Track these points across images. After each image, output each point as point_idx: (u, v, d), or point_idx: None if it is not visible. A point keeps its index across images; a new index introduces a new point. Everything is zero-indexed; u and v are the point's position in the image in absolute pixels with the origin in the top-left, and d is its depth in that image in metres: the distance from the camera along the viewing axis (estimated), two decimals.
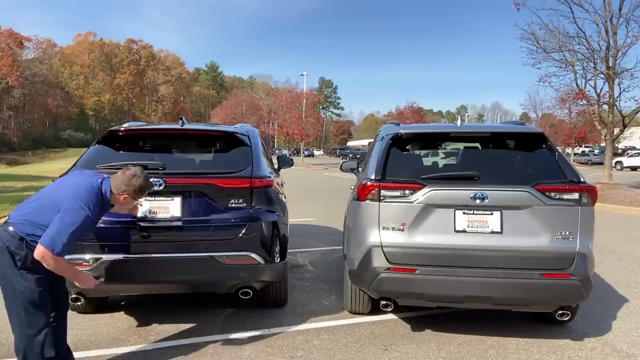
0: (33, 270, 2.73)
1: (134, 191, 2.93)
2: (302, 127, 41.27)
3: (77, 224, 2.67)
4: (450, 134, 4.32)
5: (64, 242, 2.63)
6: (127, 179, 2.90)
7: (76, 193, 2.77)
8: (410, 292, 3.60)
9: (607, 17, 15.35)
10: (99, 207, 2.85)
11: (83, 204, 2.72)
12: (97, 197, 2.81)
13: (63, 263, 2.73)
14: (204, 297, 4.61)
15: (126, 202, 2.98)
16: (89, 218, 2.73)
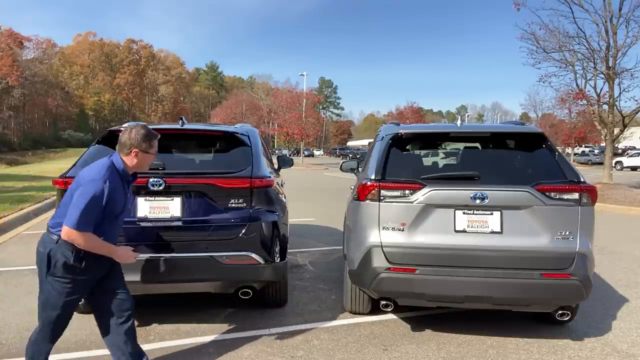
0: (60, 278, 2.73)
1: (139, 143, 2.81)
2: (302, 127, 41.26)
3: (90, 195, 2.62)
4: (450, 134, 4.32)
5: (82, 216, 2.60)
6: (128, 136, 2.81)
7: (87, 174, 2.75)
8: (410, 292, 3.60)
9: (607, 17, 15.35)
10: (115, 178, 2.76)
11: (94, 178, 2.68)
12: (108, 170, 2.74)
13: (93, 239, 2.68)
14: (204, 297, 4.61)
15: (141, 159, 2.85)
16: (102, 189, 2.65)
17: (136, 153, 2.82)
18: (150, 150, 2.87)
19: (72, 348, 3.67)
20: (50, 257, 2.72)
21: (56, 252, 2.71)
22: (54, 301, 2.77)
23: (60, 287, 2.75)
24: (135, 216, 3.71)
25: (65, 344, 3.74)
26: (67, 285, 2.76)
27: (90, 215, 2.63)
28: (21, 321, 4.21)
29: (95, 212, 2.64)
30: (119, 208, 2.83)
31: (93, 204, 2.63)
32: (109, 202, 2.69)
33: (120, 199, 2.81)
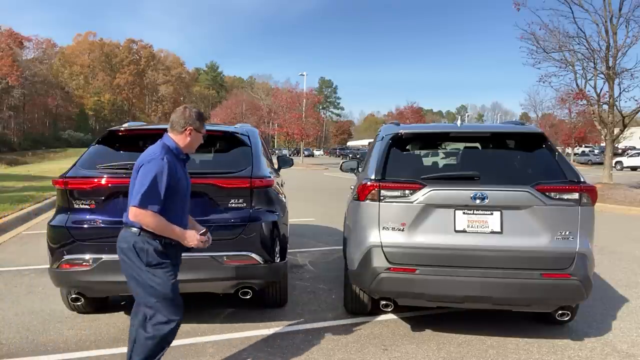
0: (158, 264, 2.73)
1: (193, 121, 2.83)
2: (302, 127, 41.27)
3: (152, 173, 2.63)
4: (450, 134, 4.33)
5: (146, 194, 2.59)
6: (181, 114, 2.84)
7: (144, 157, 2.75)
8: (410, 292, 3.60)
9: (607, 17, 15.36)
10: (172, 157, 2.76)
11: (152, 157, 2.69)
12: (164, 149, 2.76)
13: (160, 219, 2.65)
14: (204, 297, 4.61)
15: (194, 138, 2.86)
16: (162, 166, 2.65)
17: (190, 131, 2.83)
18: (202, 130, 2.89)
19: (72, 348, 3.67)
20: (137, 249, 2.71)
21: (142, 243, 2.71)
22: (162, 288, 2.73)
23: (162, 273, 2.74)
24: None
25: (65, 344, 3.75)
26: (168, 269, 2.77)
27: (155, 192, 2.61)
28: (21, 321, 4.21)
29: (158, 189, 2.62)
30: (182, 186, 2.81)
31: (156, 181, 2.62)
32: (171, 179, 2.69)
33: (181, 176, 2.81)
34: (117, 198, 3.72)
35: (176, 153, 2.82)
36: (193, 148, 2.92)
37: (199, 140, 2.93)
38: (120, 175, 3.76)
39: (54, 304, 4.56)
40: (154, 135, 4.41)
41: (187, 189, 2.89)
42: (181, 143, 2.84)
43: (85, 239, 3.67)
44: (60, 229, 3.69)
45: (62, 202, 3.80)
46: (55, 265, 3.67)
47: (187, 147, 2.88)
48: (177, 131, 2.83)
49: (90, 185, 3.72)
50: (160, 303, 2.75)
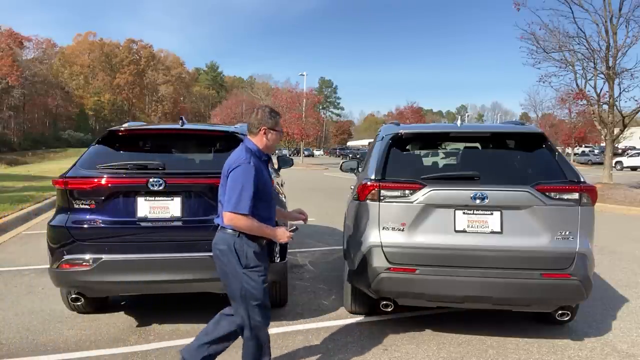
0: (254, 267, 2.82)
1: (266, 120, 2.91)
2: (302, 127, 41.27)
3: (241, 178, 2.74)
4: (450, 134, 4.32)
5: (238, 199, 2.71)
6: (254, 116, 2.94)
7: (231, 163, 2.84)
8: (410, 292, 3.59)
9: (607, 17, 15.35)
10: (256, 159, 2.86)
11: (239, 163, 2.78)
12: (247, 153, 2.85)
13: (253, 221, 2.76)
14: (204, 297, 4.61)
15: (270, 137, 2.94)
16: (250, 170, 2.76)
17: (265, 130, 2.91)
18: (276, 127, 2.95)
19: (72, 348, 3.67)
20: (237, 251, 2.80)
21: (242, 244, 2.80)
22: (255, 292, 2.82)
23: (256, 276, 2.83)
24: (135, 216, 3.71)
25: (65, 344, 3.75)
26: (261, 273, 2.85)
27: (246, 196, 2.72)
28: (21, 321, 4.21)
29: (249, 193, 2.73)
30: (268, 187, 2.93)
31: (246, 186, 2.73)
32: (259, 181, 2.79)
33: (267, 178, 2.92)
34: (117, 198, 3.72)
35: (258, 155, 2.91)
36: (272, 148, 2.99)
37: (277, 139, 2.99)
38: (120, 175, 3.76)
39: (54, 304, 4.56)
40: (154, 135, 4.47)
41: (271, 187, 3.00)
42: (260, 144, 2.93)
43: (85, 239, 3.67)
44: (60, 229, 3.69)
45: (62, 202, 3.80)
46: (55, 265, 3.67)
47: (266, 148, 2.96)
48: (254, 133, 2.94)
49: (90, 185, 3.72)
50: (253, 305, 2.84)
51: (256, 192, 2.76)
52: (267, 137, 2.92)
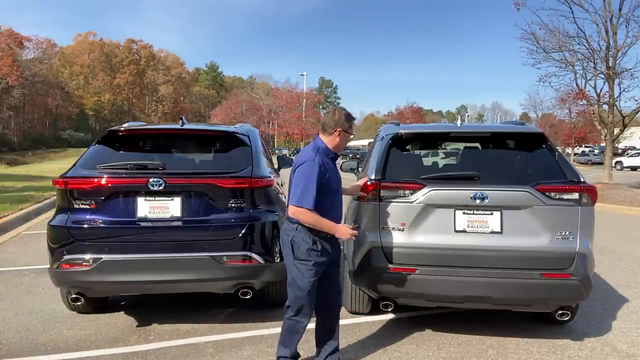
0: (304, 260, 3.02)
1: (342, 122, 3.09)
2: (302, 127, 41.32)
3: (306, 175, 2.94)
4: (450, 134, 4.32)
5: (302, 194, 2.91)
6: (332, 117, 3.12)
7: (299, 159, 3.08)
8: (410, 292, 3.59)
9: (607, 17, 15.35)
10: (321, 157, 3.03)
11: (305, 160, 3.00)
12: (314, 151, 3.04)
13: (314, 215, 2.94)
14: (204, 297, 4.61)
15: (342, 138, 3.13)
16: (314, 168, 2.94)
17: (339, 132, 3.10)
18: (350, 130, 3.14)
19: (72, 348, 3.67)
20: (293, 243, 3.04)
21: (297, 237, 3.03)
22: (300, 282, 3.04)
23: (304, 269, 3.03)
24: (135, 216, 3.71)
25: (65, 344, 3.75)
26: (309, 267, 3.03)
27: (309, 192, 2.92)
28: (21, 321, 4.21)
29: (312, 189, 2.92)
30: (333, 184, 3.08)
31: (310, 182, 2.92)
32: (323, 179, 2.98)
33: (333, 175, 3.08)
34: (117, 198, 3.73)
35: (326, 153, 3.10)
36: (341, 147, 3.19)
37: (347, 140, 3.19)
38: (120, 175, 3.76)
39: (54, 304, 4.56)
40: (154, 135, 4.47)
41: (337, 184, 3.15)
42: (330, 144, 3.13)
43: (85, 239, 3.67)
44: (60, 229, 3.69)
45: (62, 202, 3.80)
46: (55, 265, 3.67)
47: (335, 147, 3.16)
48: (328, 132, 3.12)
49: (90, 185, 3.72)
50: (296, 297, 3.07)
51: (320, 188, 2.95)
52: (340, 137, 3.12)
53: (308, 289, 3.05)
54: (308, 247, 3.02)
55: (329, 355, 3.25)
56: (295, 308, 3.11)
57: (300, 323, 3.14)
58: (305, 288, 3.05)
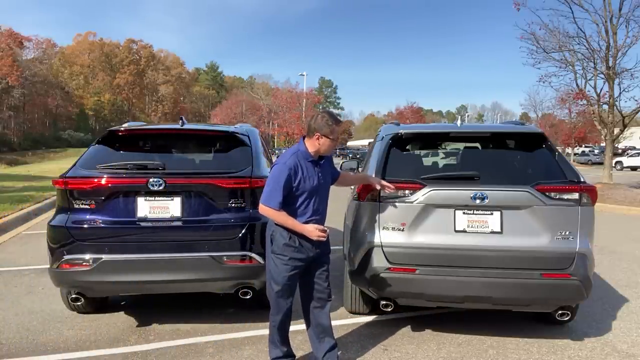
0: (280, 254, 3.10)
1: (321, 127, 3.07)
2: (302, 127, 41.30)
3: (274, 177, 3.03)
4: (450, 134, 4.32)
5: (268, 194, 3.03)
6: (313, 121, 3.12)
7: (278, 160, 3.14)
8: (410, 292, 3.59)
9: (607, 17, 15.35)
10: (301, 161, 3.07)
11: (278, 163, 3.09)
12: (293, 155, 3.09)
13: (281, 215, 3.02)
14: (204, 297, 4.61)
15: (323, 143, 3.10)
16: (284, 171, 3.00)
17: (318, 137, 3.08)
18: (330, 136, 3.09)
19: (72, 348, 3.67)
20: (272, 237, 3.14)
21: (276, 232, 3.12)
22: (275, 276, 3.13)
23: (279, 263, 3.11)
24: (135, 216, 3.71)
25: (65, 344, 3.75)
26: (284, 262, 3.10)
27: (275, 193, 3.00)
28: (21, 321, 4.21)
29: (278, 190, 2.99)
30: (308, 187, 3.09)
31: (277, 184, 3.00)
32: (294, 181, 3.03)
33: (308, 180, 3.08)
34: (117, 198, 3.72)
35: (305, 156, 3.11)
36: (324, 151, 3.15)
37: (330, 146, 3.14)
38: (120, 175, 3.76)
39: (54, 304, 4.56)
40: (154, 135, 4.47)
41: (316, 186, 3.14)
42: (310, 148, 3.13)
43: (85, 239, 3.67)
44: (60, 229, 3.69)
45: (62, 202, 3.80)
46: (55, 265, 3.67)
47: (316, 152, 3.14)
48: (309, 136, 3.13)
49: (90, 185, 3.72)
50: (272, 291, 3.15)
51: (290, 190, 3.01)
52: (319, 142, 3.09)
53: (282, 282, 3.11)
54: (284, 242, 3.08)
55: (328, 352, 3.26)
56: (272, 302, 3.18)
57: (275, 317, 3.20)
58: (280, 282, 3.11)
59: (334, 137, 3.11)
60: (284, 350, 3.28)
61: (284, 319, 3.21)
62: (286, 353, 3.29)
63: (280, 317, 3.19)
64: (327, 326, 3.29)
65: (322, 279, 3.26)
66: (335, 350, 3.30)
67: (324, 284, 3.27)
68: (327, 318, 3.29)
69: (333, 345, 3.29)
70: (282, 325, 3.23)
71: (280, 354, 3.27)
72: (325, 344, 3.28)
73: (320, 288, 3.26)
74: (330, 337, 3.30)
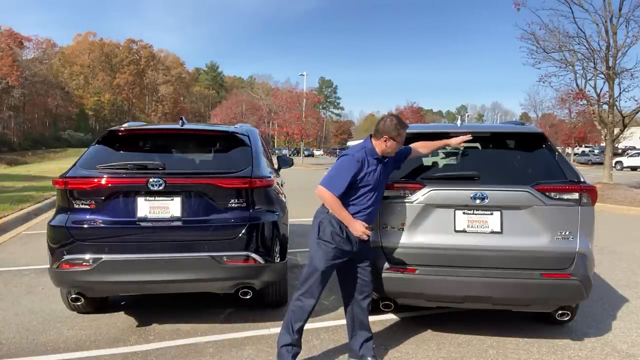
0: (326, 241, 3.21)
1: (389, 131, 3.21)
2: (302, 127, 41.30)
3: (341, 165, 3.20)
4: (450, 134, 4.31)
5: (331, 179, 3.18)
6: (382, 124, 3.25)
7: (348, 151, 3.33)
8: (410, 292, 3.59)
9: (607, 17, 15.34)
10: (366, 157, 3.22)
11: (348, 154, 3.26)
12: (361, 150, 3.25)
13: (336, 201, 3.16)
14: (204, 297, 4.61)
15: (390, 145, 3.25)
16: (351, 163, 3.16)
17: (386, 139, 3.23)
18: (397, 139, 3.25)
19: (72, 348, 3.67)
20: (320, 224, 3.26)
21: (325, 220, 3.25)
22: (316, 261, 3.23)
23: (324, 249, 3.22)
24: (135, 216, 3.71)
25: (65, 344, 3.75)
26: (329, 250, 3.21)
27: (337, 180, 3.16)
28: (21, 321, 4.21)
29: (343, 178, 3.15)
30: (371, 182, 3.23)
31: (341, 173, 3.17)
32: (358, 175, 3.17)
33: (371, 175, 3.23)
34: (117, 198, 3.72)
35: (371, 154, 3.25)
36: (389, 152, 3.31)
37: (396, 147, 3.30)
38: (120, 175, 3.76)
39: (54, 304, 4.56)
40: (154, 135, 4.47)
41: (377, 184, 3.29)
42: (378, 148, 3.28)
43: (85, 239, 3.67)
44: (60, 229, 3.69)
45: (62, 202, 3.80)
46: (55, 265, 3.67)
47: (383, 152, 3.29)
48: (377, 137, 3.27)
49: (90, 185, 3.72)
50: (309, 275, 3.24)
51: (353, 182, 3.16)
52: (386, 144, 3.24)
53: (322, 269, 3.20)
54: (333, 231, 3.20)
55: (365, 342, 3.39)
56: (305, 286, 3.25)
57: (304, 303, 3.25)
58: (320, 268, 3.21)
59: (400, 140, 3.28)
60: (295, 338, 3.28)
61: (311, 306, 3.27)
62: (296, 341, 3.29)
63: (309, 303, 3.25)
64: (364, 322, 3.40)
65: (363, 274, 3.37)
66: (371, 342, 3.42)
67: (365, 278, 3.38)
68: (366, 313, 3.41)
69: (369, 337, 3.41)
70: (305, 312, 3.26)
71: (290, 340, 3.26)
72: (361, 336, 3.40)
73: (362, 282, 3.37)
74: (367, 331, 3.42)
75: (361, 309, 3.39)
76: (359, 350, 3.38)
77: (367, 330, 3.42)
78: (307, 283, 3.25)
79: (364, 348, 3.38)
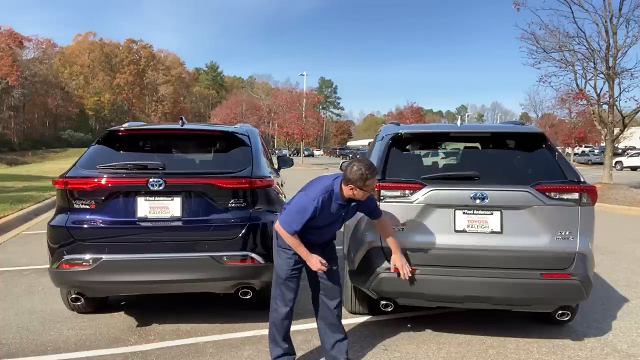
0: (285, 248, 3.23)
1: (355, 180, 3.06)
2: (302, 127, 41.28)
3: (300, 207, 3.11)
4: (450, 134, 4.32)
5: (288, 220, 3.13)
6: (350, 170, 3.09)
7: (310, 189, 3.19)
8: (410, 292, 3.59)
9: (607, 17, 15.32)
10: (328, 201, 3.15)
11: (309, 195, 3.12)
12: (325, 193, 3.14)
13: (293, 239, 3.14)
14: (204, 297, 4.61)
15: (356, 193, 3.12)
16: (312, 206, 3.07)
17: (352, 188, 3.10)
18: (364, 188, 3.10)
19: (72, 348, 3.67)
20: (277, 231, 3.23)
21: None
22: (279, 269, 3.27)
23: (284, 257, 3.24)
24: (135, 216, 3.71)
25: (65, 344, 3.75)
26: (289, 256, 3.23)
27: (293, 223, 3.10)
28: (21, 321, 4.21)
29: (296, 222, 3.09)
30: (322, 223, 3.20)
31: (299, 216, 3.09)
32: (315, 218, 3.11)
33: (326, 216, 3.18)
34: (117, 198, 3.72)
35: (334, 198, 3.17)
36: (359, 199, 3.18)
37: (364, 195, 3.15)
38: (120, 175, 3.76)
39: (54, 304, 4.56)
40: (154, 135, 4.47)
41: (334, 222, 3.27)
42: (345, 193, 3.16)
43: (85, 239, 3.67)
44: (60, 229, 3.69)
45: (62, 202, 3.80)
46: (55, 265, 3.67)
47: (350, 197, 3.18)
48: (345, 183, 3.13)
49: (90, 185, 3.72)
50: (275, 284, 3.28)
51: (309, 222, 3.09)
52: (353, 192, 3.11)
53: (285, 276, 3.23)
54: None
55: (337, 343, 3.37)
56: (275, 295, 3.28)
57: (279, 312, 3.26)
58: (283, 275, 3.24)
59: (368, 188, 3.11)
60: (285, 347, 3.31)
61: (285, 313, 3.26)
62: (287, 350, 3.32)
63: (283, 311, 3.25)
64: (336, 324, 3.38)
65: (330, 277, 3.33)
66: (345, 342, 3.40)
67: (332, 281, 3.34)
68: (336, 315, 3.37)
69: (342, 338, 3.39)
70: (283, 320, 3.27)
71: (281, 351, 3.29)
72: (334, 337, 3.38)
73: (329, 285, 3.34)
74: (340, 332, 3.40)
75: (330, 311, 3.35)
76: (330, 349, 3.38)
77: (339, 332, 3.39)
78: (276, 292, 3.28)
79: (335, 349, 3.37)
